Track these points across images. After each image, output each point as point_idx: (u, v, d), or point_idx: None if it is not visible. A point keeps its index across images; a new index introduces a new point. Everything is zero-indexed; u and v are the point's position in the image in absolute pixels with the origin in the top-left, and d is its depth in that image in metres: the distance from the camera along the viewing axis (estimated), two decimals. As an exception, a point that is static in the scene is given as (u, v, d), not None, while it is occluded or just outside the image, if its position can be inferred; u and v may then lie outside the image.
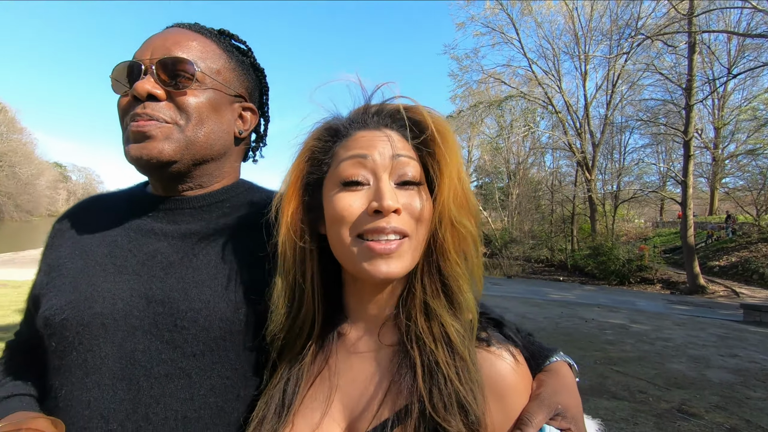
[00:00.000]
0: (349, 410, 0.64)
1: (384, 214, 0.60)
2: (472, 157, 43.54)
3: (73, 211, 0.85)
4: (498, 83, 25.37)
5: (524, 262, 25.73)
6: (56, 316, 0.69)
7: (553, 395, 0.63)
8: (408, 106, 0.68)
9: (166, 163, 0.72)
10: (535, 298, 12.18)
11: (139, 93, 0.70)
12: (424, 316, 0.63)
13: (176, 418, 0.66)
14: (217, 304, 0.70)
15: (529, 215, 31.75)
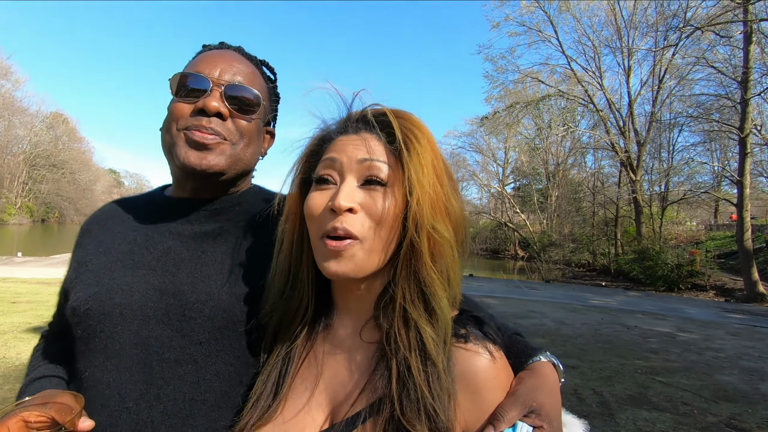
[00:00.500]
0: (332, 397, 0.68)
1: (337, 212, 0.62)
2: (509, 158, 42.63)
3: (99, 214, 0.95)
4: (535, 83, 24.68)
5: (564, 266, 24.84)
6: (81, 306, 0.77)
7: (529, 392, 0.63)
8: (383, 110, 0.70)
9: (216, 173, 0.82)
10: (573, 303, 11.74)
11: (209, 109, 0.79)
12: (403, 322, 0.64)
13: (184, 400, 0.72)
14: (220, 296, 0.77)
15: (569, 218, 30.61)
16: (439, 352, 0.62)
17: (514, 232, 38.49)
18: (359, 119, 0.71)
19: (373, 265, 0.65)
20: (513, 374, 0.68)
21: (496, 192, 41.21)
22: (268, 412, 0.67)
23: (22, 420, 0.62)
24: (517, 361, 0.71)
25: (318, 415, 0.67)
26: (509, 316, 9.14)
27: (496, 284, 16.16)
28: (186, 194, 0.88)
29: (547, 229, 31.63)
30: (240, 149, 0.85)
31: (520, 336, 0.78)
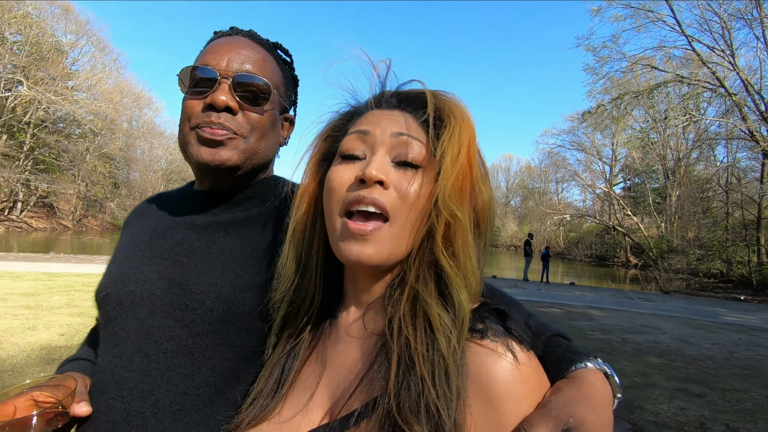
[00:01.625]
0: (332, 395, 0.62)
1: (367, 183, 0.57)
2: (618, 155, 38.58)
3: (137, 208, 0.99)
4: (647, 70, 21.94)
5: (688, 276, 21.55)
6: (101, 293, 0.81)
7: (565, 405, 0.50)
8: (423, 90, 0.65)
9: (231, 168, 0.81)
10: (699, 319, 10.07)
11: (217, 104, 0.78)
12: (410, 306, 0.57)
13: (176, 392, 0.70)
14: (223, 287, 0.75)
15: (695, 220, 26.45)
16: (450, 342, 0.53)
17: (624, 237, 34.69)
18: (394, 95, 0.67)
19: (399, 254, 0.59)
20: (548, 383, 0.56)
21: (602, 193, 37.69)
22: (265, 411, 0.63)
23: (31, 399, 0.66)
24: (556, 368, 0.58)
25: (316, 415, 0.61)
26: (617, 329, 8.16)
27: (603, 294, 14.60)
28: (206, 188, 0.89)
29: (666, 233, 27.81)
30: (253, 143, 0.82)
31: (563, 338, 0.64)
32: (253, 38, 0.88)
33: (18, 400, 0.65)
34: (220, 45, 0.83)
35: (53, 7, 38.52)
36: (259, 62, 0.84)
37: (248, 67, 0.82)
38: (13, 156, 35.27)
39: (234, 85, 0.79)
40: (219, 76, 0.79)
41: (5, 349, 4.84)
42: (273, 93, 0.84)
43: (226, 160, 0.79)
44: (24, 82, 33.53)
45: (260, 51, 0.86)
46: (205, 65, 0.80)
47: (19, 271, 11.08)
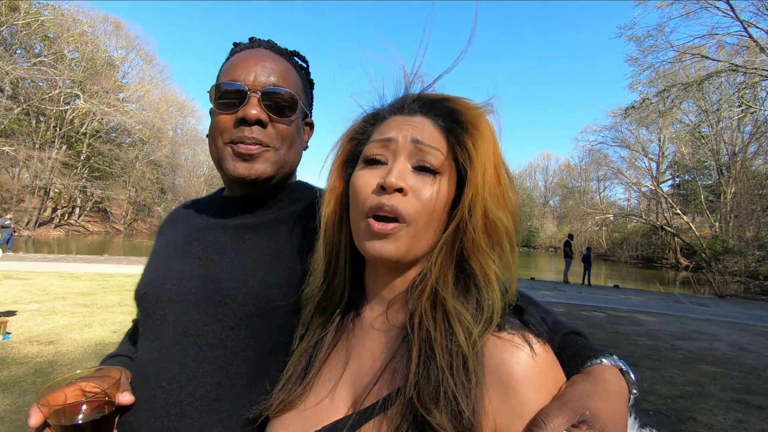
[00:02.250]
0: (355, 385, 0.64)
1: (387, 191, 0.60)
2: (665, 151, 36.52)
3: (171, 214, 1.05)
4: (697, 59, 20.62)
5: (747, 279, 20.04)
6: (140, 291, 0.87)
7: (581, 398, 0.52)
8: (444, 96, 0.68)
9: (266, 179, 0.85)
10: (760, 326, 9.35)
11: (249, 118, 0.81)
12: (430, 302, 0.59)
13: (212, 383, 0.75)
14: (253, 284, 0.79)
15: (754, 219, 24.55)
16: (471, 336, 0.55)
17: (673, 238, 32.87)
18: (416, 100, 0.69)
19: (417, 252, 0.62)
20: (564, 377, 0.57)
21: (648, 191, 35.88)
22: (292, 396, 0.66)
23: (79, 388, 0.71)
24: (571, 363, 0.60)
25: (340, 404, 0.64)
26: (666, 335, 7.73)
27: (650, 298, 13.88)
28: (237, 194, 0.94)
29: (721, 233, 26.03)
30: (283, 153, 0.87)
31: (579, 335, 0.65)
32: (274, 49, 0.92)
33: (68, 389, 0.70)
34: (245, 59, 0.87)
35: (105, 24, 41.28)
36: (283, 73, 0.87)
37: (274, 80, 0.85)
38: (71, 165, 38.00)
39: (262, 98, 0.83)
40: (248, 90, 0.82)
41: (65, 344, 5.21)
42: (298, 103, 0.87)
43: (261, 173, 0.83)
44: (81, 95, 36.04)
45: (282, 62, 0.90)
46: (234, 80, 0.84)
47: (77, 272, 11.90)
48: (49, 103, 34.53)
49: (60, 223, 38.39)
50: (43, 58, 33.15)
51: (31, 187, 34.60)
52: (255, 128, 0.82)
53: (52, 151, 35.20)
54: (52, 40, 34.58)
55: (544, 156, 75.28)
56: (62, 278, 10.50)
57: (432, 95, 0.69)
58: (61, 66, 33.70)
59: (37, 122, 35.61)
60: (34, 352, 4.83)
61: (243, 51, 0.90)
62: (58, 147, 36.40)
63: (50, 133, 36.02)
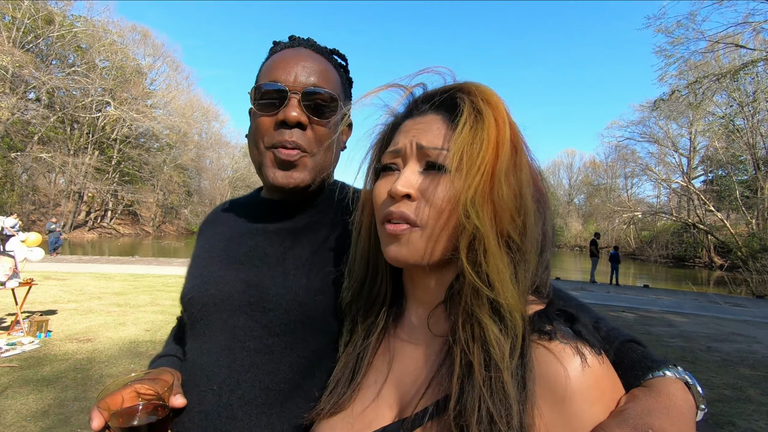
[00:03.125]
0: (400, 392, 0.64)
1: (395, 199, 0.60)
2: (697, 145, 35.14)
3: (210, 215, 1.04)
4: (731, 48, 19.72)
5: (787, 279, 19.06)
6: (186, 296, 0.87)
7: (643, 415, 0.48)
8: (449, 86, 0.65)
9: (305, 187, 0.85)
10: (804, 328, 8.89)
11: (289, 120, 0.80)
12: (467, 315, 0.57)
13: (260, 388, 0.75)
14: (297, 291, 0.79)
15: (794, 215, 23.38)
16: (503, 351, 0.52)
17: (706, 236, 31.58)
18: (424, 100, 0.68)
19: (435, 254, 0.60)
20: (622, 389, 0.54)
21: (679, 188, 34.63)
22: (341, 400, 0.67)
23: (135, 391, 0.73)
24: (630, 374, 0.55)
25: (385, 410, 0.63)
26: (700, 337, 7.44)
27: (683, 298, 13.38)
28: (274, 197, 0.94)
29: (759, 230, 24.84)
30: (320, 158, 0.85)
31: (637, 344, 0.60)
32: (314, 48, 0.90)
33: (124, 392, 0.72)
34: (285, 59, 0.85)
35: (134, 33, 42.75)
36: (323, 73, 0.86)
37: (314, 80, 0.83)
38: (103, 169, 39.50)
39: (303, 99, 0.81)
40: (288, 91, 0.81)
41: (101, 342, 5.43)
42: (338, 103, 0.85)
43: (300, 182, 0.83)
44: (111, 102, 37.44)
45: (322, 61, 0.88)
46: (274, 81, 0.83)
47: (111, 273, 12.37)
48: (83, 110, 36.05)
49: (93, 226, 39.98)
50: (77, 68, 34.65)
51: (66, 192, 36.17)
52: (295, 131, 0.81)
53: (86, 157, 36.68)
54: (84, 51, 36.08)
55: (568, 153, 73.53)
56: (97, 279, 10.93)
57: (437, 89, 0.66)
58: (93, 75, 35.11)
59: (72, 129, 37.17)
60: (73, 350, 5.06)
61: (283, 50, 0.89)
62: (91, 153, 37.91)
63: (83, 139, 37.57)
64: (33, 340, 5.27)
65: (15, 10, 29.43)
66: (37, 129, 32.06)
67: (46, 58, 34.32)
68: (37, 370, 4.34)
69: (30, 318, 5.67)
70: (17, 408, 3.50)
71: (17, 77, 29.70)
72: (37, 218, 32.51)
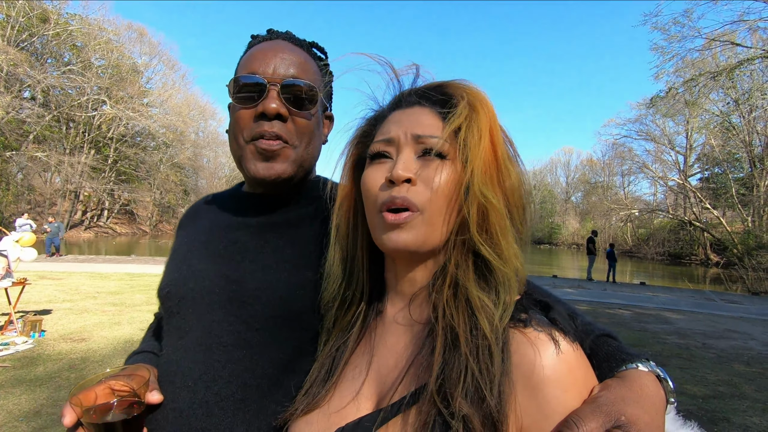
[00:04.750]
0: (380, 384, 0.63)
1: (395, 183, 0.60)
2: (693, 143, 35.23)
3: (190, 209, 1.03)
4: (727, 46, 19.75)
5: (783, 276, 19.16)
6: (163, 290, 0.85)
7: (616, 402, 0.49)
8: (439, 83, 0.68)
9: (286, 180, 0.84)
10: (799, 324, 8.93)
11: (269, 112, 0.78)
12: (452, 291, 0.59)
13: (237, 384, 0.73)
14: (278, 285, 0.78)
15: (790, 213, 23.50)
16: (492, 322, 0.54)
17: (702, 233, 31.74)
18: (413, 93, 0.69)
19: (435, 239, 0.61)
20: (595, 379, 0.55)
21: (675, 185, 34.76)
22: (316, 399, 0.66)
23: (109, 387, 0.71)
24: (605, 366, 0.56)
25: (365, 403, 0.63)
26: (696, 334, 7.47)
27: (679, 295, 13.42)
28: (256, 191, 0.92)
29: (754, 228, 24.97)
30: (302, 150, 0.84)
31: (612, 338, 0.61)
32: (292, 40, 0.89)
33: (98, 388, 0.70)
34: (264, 51, 0.84)
35: (130, 31, 42.50)
36: (302, 65, 0.84)
37: (293, 72, 0.82)
38: (100, 168, 39.33)
39: (282, 91, 0.80)
40: (267, 83, 0.80)
41: (96, 341, 5.40)
42: (318, 94, 0.84)
43: (281, 174, 0.82)
44: (107, 101, 37.26)
45: (301, 53, 0.87)
46: (252, 73, 0.81)
47: (107, 272, 12.32)
48: (78, 109, 35.85)
49: (89, 225, 39.80)
50: (72, 67, 34.42)
51: (62, 191, 36.00)
52: (275, 123, 0.80)
53: (82, 156, 36.54)
54: (80, 49, 35.85)
55: (565, 151, 73.63)
56: (93, 278, 10.88)
57: (427, 85, 0.69)
58: (89, 73, 34.90)
59: (67, 128, 37.00)
60: (67, 349, 5.03)
61: (261, 43, 0.88)
62: (87, 152, 37.75)
63: (79, 138, 37.39)
64: (26, 340, 5.24)
65: (9, 8, 29.25)
66: (32, 128, 31.87)
67: (41, 56, 34.12)
68: (30, 370, 4.31)
69: (24, 318, 5.64)
70: (9, 408, 3.48)
71: (12, 76, 29.52)
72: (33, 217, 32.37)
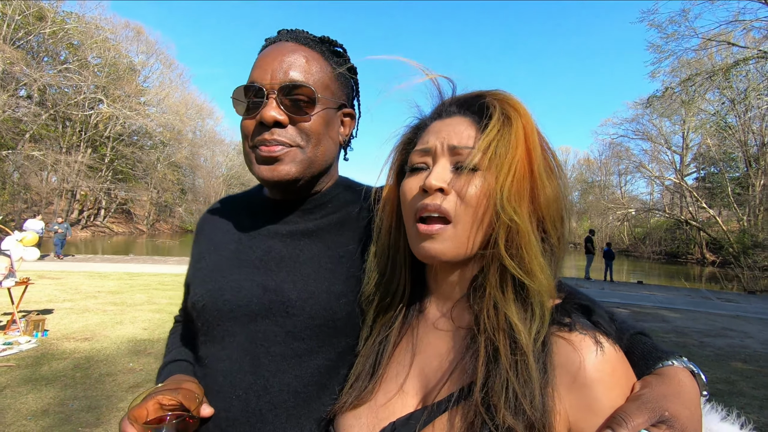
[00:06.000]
0: (424, 382, 0.66)
1: (429, 192, 0.63)
2: (689, 142, 35.43)
3: (209, 212, 1.00)
4: (723, 46, 19.85)
5: (778, 274, 19.33)
6: (199, 302, 0.85)
7: (659, 399, 0.52)
8: (478, 92, 0.69)
9: (292, 181, 0.82)
10: (794, 323, 9.04)
11: (266, 120, 0.78)
12: (493, 305, 0.61)
13: (288, 391, 0.77)
14: (320, 296, 0.80)
15: (785, 212, 23.68)
16: (528, 338, 0.56)
17: (699, 232, 31.93)
18: (453, 103, 0.71)
19: (467, 249, 0.63)
20: (634, 376, 0.58)
21: (672, 185, 34.94)
22: (363, 393, 0.69)
23: (158, 402, 0.73)
24: (642, 363, 0.60)
25: (409, 399, 0.66)
26: (693, 332, 7.54)
27: (676, 294, 13.53)
28: (276, 197, 0.91)
29: (750, 227, 25.14)
30: (310, 151, 0.82)
31: (645, 336, 0.65)
32: (297, 39, 0.86)
33: (148, 404, 0.72)
34: (265, 56, 0.83)
35: (127, 30, 42.27)
36: (304, 66, 0.82)
37: (293, 75, 0.80)
38: (96, 167, 39.15)
39: (280, 96, 0.79)
40: (265, 90, 0.79)
41: (99, 341, 5.41)
42: (320, 96, 0.82)
43: (285, 175, 0.80)
44: (104, 100, 37.09)
45: (305, 51, 0.84)
46: (252, 83, 0.81)
47: (105, 271, 12.30)
48: (75, 108, 35.68)
49: (86, 225, 39.62)
50: (69, 65, 34.22)
51: (59, 190, 35.82)
52: (275, 130, 0.79)
53: (78, 155, 36.36)
54: (76, 48, 35.66)
55: (562, 150, 73.64)
56: (92, 277, 10.86)
57: (467, 94, 0.71)
58: (86, 72, 34.72)
59: (64, 127, 36.78)
60: (71, 348, 5.04)
61: (265, 48, 0.87)
62: (84, 150, 37.59)
63: (76, 137, 37.22)
64: (30, 340, 5.25)
65: (5, 6, 29.03)
66: (28, 127, 31.69)
67: (38, 54, 33.91)
68: (35, 370, 4.33)
69: (26, 317, 5.64)
70: (17, 407, 3.50)
71: (8, 74, 29.34)
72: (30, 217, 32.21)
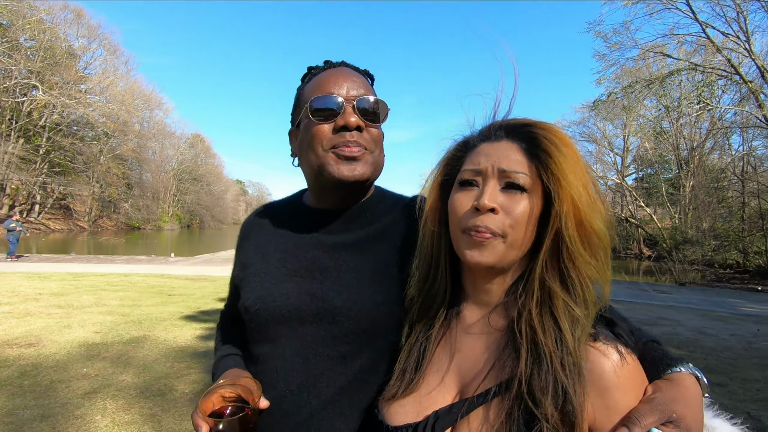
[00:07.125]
0: (462, 377, 0.75)
1: (481, 211, 0.70)
2: (629, 145, 38.04)
3: (253, 219, 1.12)
4: (660, 57, 21.55)
5: (704, 267, 21.30)
6: (251, 307, 0.95)
7: (668, 401, 0.61)
8: (526, 121, 0.76)
9: (363, 182, 0.93)
10: (718, 311, 10.03)
11: (350, 125, 0.89)
12: (538, 308, 0.68)
13: (335, 387, 0.87)
14: (363, 304, 0.89)
15: (710, 210, 26.07)
16: (574, 341, 0.64)
17: (637, 229, 34.32)
18: (501, 127, 0.78)
19: (511, 259, 0.71)
20: (647, 381, 0.66)
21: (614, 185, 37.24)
22: (411, 384, 0.77)
23: (221, 396, 0.82)
24: (653, 369, 0.68)
25: (449, 392, 0.74)
26: (634, 322, 8.14)
27: (618, 287, 14.53)
28: (324, 206, 1.01)
29: (681, 224, 27.46)
30: (377, 155, 0.95)
31: (657, 343, 0.74)
32: (352, 67, 1.01)
33: (212, 398, 0.81)
34: (335, 76, 0.95)
35: (65, 12, 39.10)
36: (366, 85, 0.97)
37: (362, 92, 0.94)
38: (29, 159, 36.02)
39: (357, 108, 0.92)
40: (344, 101, 0.91)
41: (46, 346, 5.06)
42: (380, 111, 0.95)
43: (362, 175, 0.91)
44: (39, 86, 34.16)
45: (361, 77, 0.99)
46: (329, 94, 0.92)
47: (45, 272, 11.42)
48: (4, 94, 32.61)
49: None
50: (-3, 46, 31.20)
51: (-15, 184, 32.65)
52: (355, 133, 0.90)
53: (8, 145, 33.29)
54: (5, 28, 32.54)
55: (515, 150, 76.43)
56: (30, 278, 10.08)
57: (515, 121, 0.77)
58: (17, 55, 31.83)
59: (-9, 114, 33.54)
60: (15, 355, 4.69)
61: (326, 70, 0.99)
62: (15, 141, 34.46)
63: (5, 126, 34.05)
64: (-35, 348, 4.83)
65: None
66: (-52, 113, 28.61)
67: (-41, 33, 30.66)
68: (-26, 379, 4.00)
69: (-41, 323, 5.17)
70: (-42, 420, 3.24)
71: (-77, 54, 26.31)
72: (-49, 213, 29.14)
